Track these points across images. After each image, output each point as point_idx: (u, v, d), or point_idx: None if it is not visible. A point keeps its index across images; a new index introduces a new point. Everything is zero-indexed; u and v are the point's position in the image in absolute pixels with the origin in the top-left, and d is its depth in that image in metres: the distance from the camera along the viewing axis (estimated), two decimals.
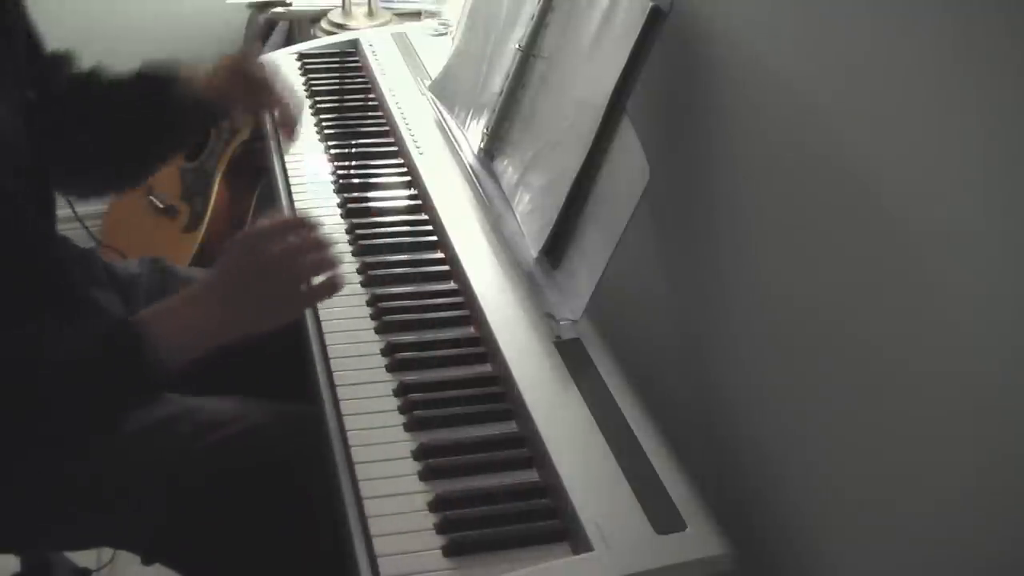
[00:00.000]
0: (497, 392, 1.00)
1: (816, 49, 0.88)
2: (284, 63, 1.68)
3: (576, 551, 0.84)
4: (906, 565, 0.82)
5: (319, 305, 1.09)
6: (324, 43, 1.76)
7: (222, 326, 0.97)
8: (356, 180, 1.35)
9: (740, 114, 0.98)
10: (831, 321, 0.87)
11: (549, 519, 0.87)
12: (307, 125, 1.50)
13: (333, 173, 1.37)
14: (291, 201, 1.32)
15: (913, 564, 0.81)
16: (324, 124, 1.49)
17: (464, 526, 0.86)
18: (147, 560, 1.17)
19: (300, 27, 2.26)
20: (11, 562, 1.50)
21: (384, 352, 1.05)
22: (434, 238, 1.23)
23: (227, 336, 0.98)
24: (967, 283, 0.72)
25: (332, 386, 1.01)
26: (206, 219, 2.16)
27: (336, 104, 1.54)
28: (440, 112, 1.44)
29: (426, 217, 1.27)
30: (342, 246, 1.22)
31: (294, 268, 0.99)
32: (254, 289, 0.98)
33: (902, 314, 0.79)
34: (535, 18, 1.23)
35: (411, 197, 1.32)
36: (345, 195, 1.32)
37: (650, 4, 1.00)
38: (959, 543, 0.76)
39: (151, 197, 2.30)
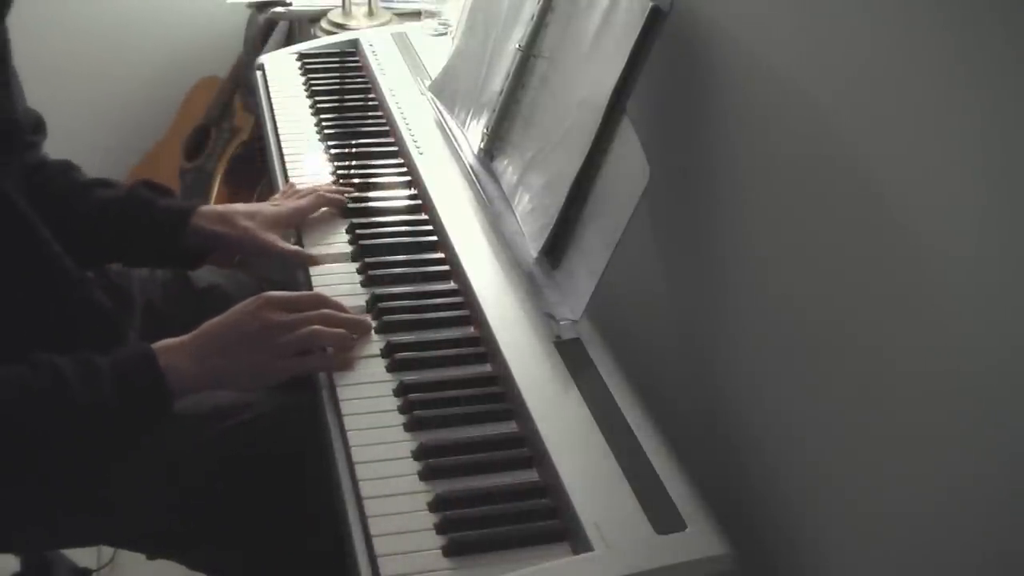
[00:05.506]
0: (497, 392, 1.00)
1: (817, 49, 0.88)
2: (284, 63, 1.68)
3: (576, 551, 0.84)
4: (906, 565, 0.82)
5: None
6: (324, 43, 1.76)
7: (215, 375, 1.02)
8: (356, 180, 1.35)
9: (740, 114, 0.98)
10: (831, 321, 0.87)
11: (549, 519, 0.87)
12: (307, 125, 1.50)
13: (333, 173, 1.37)
14: None
15: (913, 564, 0.81)
16: (324, 124, 1.49)
17: (464, 526, 0.86)
18: (151, 554, 1.17)
19: (300, 27, 2.26)
20: (11, 562, 1.50)
21: (384, 352, 1.05)
22: (434, 238, 1.23)
23: (222, 383, 1.03)
24: (968, 283, 0.72)
25: (332, 386, 1.01)
26: None
27: (336, 104, 1.54)
28: (440, 112, 1.44)
29: (426, 217, 1.27)
30: (342, 246, 1.23)
31: (284, 340, 1.01)
32: (243, 351, 1.02)
33: (903, 314, 0.79)
34: (535, 18, 1.23)
35: (411, 197, 1.32)
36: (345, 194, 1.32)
37: (650, 4, 1.00)
38: (959, 543, 0.76)
39: None
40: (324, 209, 1.28)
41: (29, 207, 1.02)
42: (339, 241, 1.24)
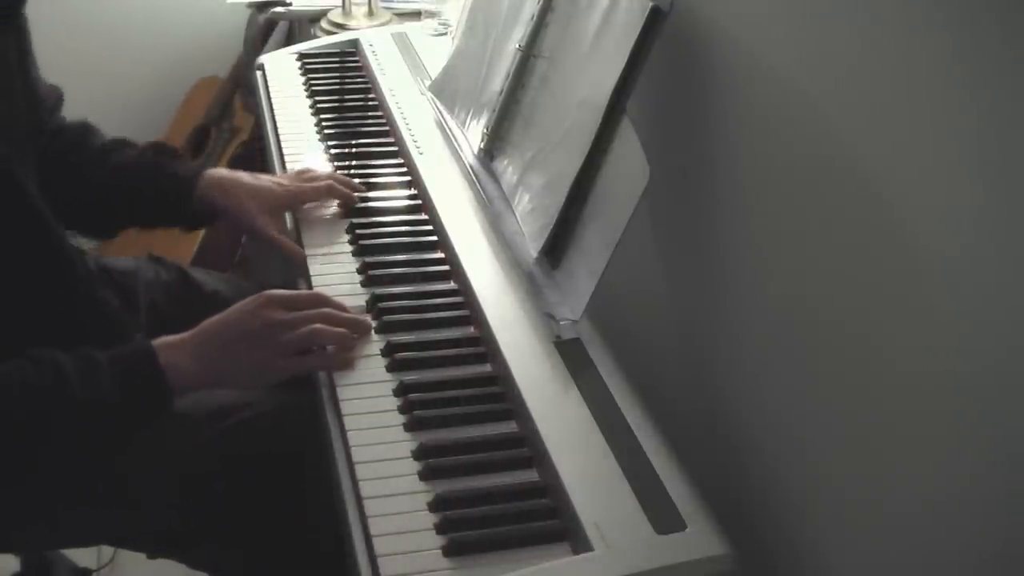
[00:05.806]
0: (497, 392, 1.00)
1: (816, 48, 0.88)
2: (284, 63, 1.68)
3: (576, 551, 0.84)
4: (906, 565, 0.82)
5: None
6: (324, 43, 1.76)
7: (215, 373, 1.02)
8: (356, 180, 1.35)
9: (740, 114, 0.99)
10: (831, 321, 0.87)
11: (549, 519, 0.87)
12: (307, 125, 1.50)
13: None
14: None
15: (913, 564, 0.81)
16: (324, 124, 1.49)
17: (464, 526, 0.86)
18: (151, 554, 1.17)
19: (300, 27, 2.27)
20: (11, 562, 1.50)
21: (384, 352, 1.05)
22: (434, 238, 1.23)
23: (222, 381, 1.03)
24: (966, 283, 0.72)
25: (332, 386, 1.01)
26: None
27: (336, 104, 1.54)
28: (440, 112, 1.44)
29: (426, 217, 1.27)
30: (343, 246, 1.23)
31: (286, 339, 1.01)
32: (243, 350, 1.02)
33: (902, 314, 0.79)
34: (535, 18, 1.23)
35: (411, 197, 1.32)
36: None
37: (650, 4, 1.00)
38: (958, 543, 0.76)
39: None
40: (334, 209, 1.29)
41: (42, 199, 1.03)
42: (339, 241, 1.24)
